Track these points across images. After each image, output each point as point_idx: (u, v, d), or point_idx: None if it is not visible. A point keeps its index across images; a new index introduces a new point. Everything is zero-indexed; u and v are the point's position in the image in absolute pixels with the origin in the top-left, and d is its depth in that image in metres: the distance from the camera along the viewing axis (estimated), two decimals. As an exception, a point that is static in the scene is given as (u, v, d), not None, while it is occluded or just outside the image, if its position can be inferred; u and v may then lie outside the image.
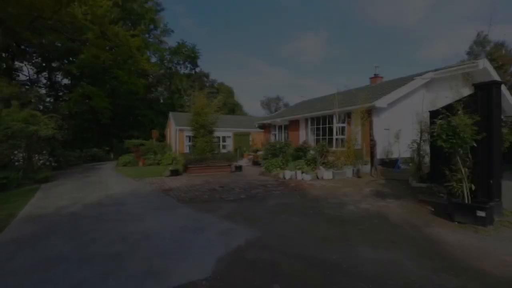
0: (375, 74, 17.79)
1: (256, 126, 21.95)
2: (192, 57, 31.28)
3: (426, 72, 14.10)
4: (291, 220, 4.75)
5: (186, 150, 18.91)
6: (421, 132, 7.86)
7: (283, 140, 18.79)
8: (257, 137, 21.23)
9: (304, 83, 74.56)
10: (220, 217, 4.94)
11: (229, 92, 51.36)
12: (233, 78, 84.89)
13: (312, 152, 12.63)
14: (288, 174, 10.24)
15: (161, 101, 34.38)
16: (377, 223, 4.54)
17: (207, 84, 49.64)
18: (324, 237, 3.86)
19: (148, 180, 10.06)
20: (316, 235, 3.98)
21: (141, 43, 26.40)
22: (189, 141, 19.15)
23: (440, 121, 4.52)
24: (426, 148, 8.57)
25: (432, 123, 7.63)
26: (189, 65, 32.46)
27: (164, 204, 6.07)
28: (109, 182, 9.83)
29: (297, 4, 63.97)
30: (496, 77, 13.47)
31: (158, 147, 19.38)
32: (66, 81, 28.44)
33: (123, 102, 27.70)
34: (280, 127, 19.96)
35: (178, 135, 18.73)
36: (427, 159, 8.82)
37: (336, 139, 13.63)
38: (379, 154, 12.41)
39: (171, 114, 21.11)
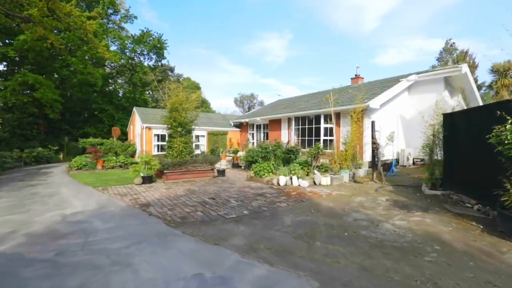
0: (356, 75, 17.64)
1: (232, 124, 20.56)
2: (158, 48, 28.43)
3: (409, 74, 14.19)
4: (334, 252, 3.63)
5: (155, 151, 16.80)
6: (434, 135, 7.34)
7: (263, 140, 17.73)
8: (234, 137, 19.87)
9: (268, 83, 75.15)
10: (239, 250, 3.60)
11: (196, 88, 48.88)
12: (196, 75, 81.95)
13: (301, 154, 11.75)
14: (282, 180, 9.15)
15: (120, 94, 30.90)
16: (441, 250, 3.64)
17: (172, 79, 46.65)
18: (405, 283, 2.80)
19: (115, 190, 8.14)
20: (390, 277, 2.90)
21: (99, 28, 23.06)
22: (158, 141, 17.06)
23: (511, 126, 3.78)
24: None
25: (449, 126, 7.18)
26: (154, 57, 29.52)
27: (151, 230, 4.49)
28: (64, 193, 7.69)
29: (261, 4, 63.83)
30: (473, 81, 14.06)
31: (120, 147, 16.88)
32: (1, 67, 23.73)
33: (77, 94, 24.04)
34: (258, 126, 18.86)
35: (145, 133, 16.50)
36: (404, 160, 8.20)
37: (325, 140, 12.96)
38: (369, 156, 12.04)
39: (136, 110, 18.64)
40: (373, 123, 9.28)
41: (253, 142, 18.71)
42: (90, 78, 21.99)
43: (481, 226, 4.60)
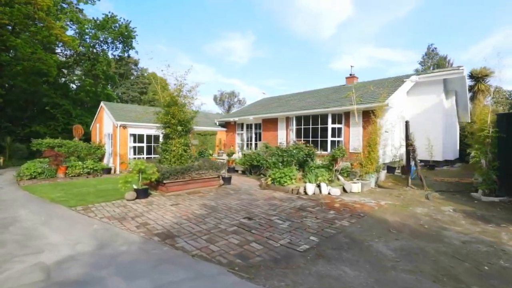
0: (350, 74, 17.13)
1: (217, 124, 18.67)
2: (125, 36, 24.93)
3: (408, 75, 13.96)
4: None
5: (131, 153, 14.20)
6: (488, 136, 6.66)
7: (254, 141, 16.25)
8: (221, 138, 18.01)
9: (232, 83, 74.01)
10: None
11: (164, 84, 45.23)
12: (159, 71, 76.69)
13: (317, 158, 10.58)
14: (310, 188, 7.84)
15: (74, 87, 26.66)
16: None
17: (136, 73, 42.42)
18: None
19: (104, 211, 5.95)
20: None
21: (53, 6, 19.17)
22: (135, 142, 14.48)
23: None
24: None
25: (505, 126, 6.56)
26: (120, 46, 25.86)
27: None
28: (27, 220, 5.29)
29: (223, 3, 62.42)
30: (467, 84, 14.38)
31: (87, 150, 13.90)
32: None
33: (22, 85, 19.75)
34: (249, 126, 17.28)
35: (119, 133, 13.81)
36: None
37: (333, 141, 11.95)
38: (383, 159, 11.34)
39: (105, 105, 15.64)
40: (407, 123, 8.48)
41: (246, 144, 17.14)
42: (41, 65, 18.07)
43: None
